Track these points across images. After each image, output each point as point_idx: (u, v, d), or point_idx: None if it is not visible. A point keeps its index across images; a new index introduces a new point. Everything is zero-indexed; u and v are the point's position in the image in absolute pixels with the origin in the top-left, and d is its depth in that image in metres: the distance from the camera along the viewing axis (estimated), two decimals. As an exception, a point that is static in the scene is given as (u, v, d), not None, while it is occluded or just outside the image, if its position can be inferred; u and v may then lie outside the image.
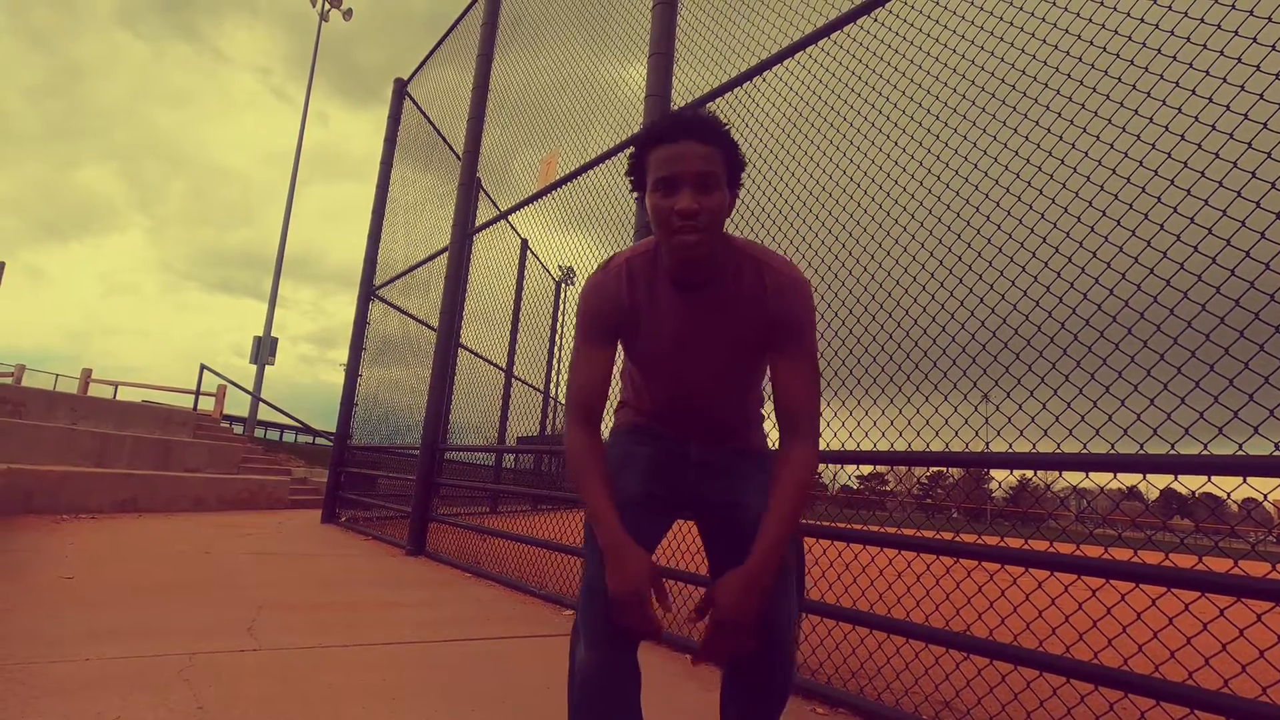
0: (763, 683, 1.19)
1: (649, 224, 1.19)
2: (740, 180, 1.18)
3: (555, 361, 9.07)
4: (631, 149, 1.19)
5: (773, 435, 1.31)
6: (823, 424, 2.28)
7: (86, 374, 14.20)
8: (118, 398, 13.75)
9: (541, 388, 8.54)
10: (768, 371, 1.24)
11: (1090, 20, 1.81)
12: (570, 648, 1.21)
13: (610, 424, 1.42)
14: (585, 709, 1.15)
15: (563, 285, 9.49)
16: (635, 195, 1.23)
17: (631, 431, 1.34)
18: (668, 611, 1.12)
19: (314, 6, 19.43)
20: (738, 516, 1.22)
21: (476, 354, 5.75)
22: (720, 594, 1.05)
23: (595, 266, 1.34)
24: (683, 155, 1.08)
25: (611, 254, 1.31)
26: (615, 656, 1.14)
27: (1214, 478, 1.50)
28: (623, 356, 1.36)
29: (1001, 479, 2.03)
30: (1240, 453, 1.46)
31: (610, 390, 1.28)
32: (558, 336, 9.22)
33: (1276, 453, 1.41)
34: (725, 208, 1.13)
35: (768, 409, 1.34)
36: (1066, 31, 1.86)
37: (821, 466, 2.04)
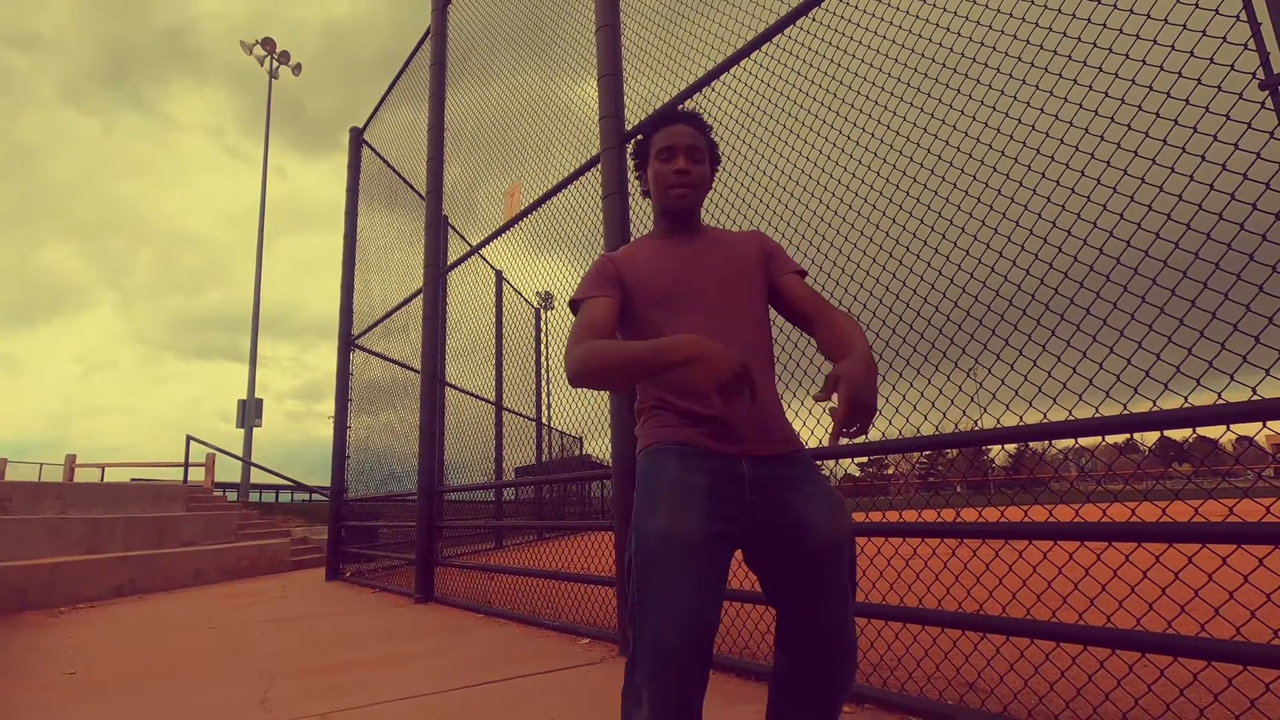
0: (833, 696, 1.14)
1: (617, 246, 1.26)
2: (716, 170, 1.46)
3: (545, 384, 9.05)
4: (635, 141, 1.46)
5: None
6: (816, 420, 2.29)
7: (71, 460, 13.93)
8: (105, 479, 13.51)
9: (533, 415, 8.50)
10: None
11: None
12: (626, 709, 1.08)
13: (638, 433, 1.32)
14: None
15: (542, 311, 9.48)
16: (637, 175, 1.46)
17: (679, 453, 1.19)
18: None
19: (262, 66, 19.45)
20: (804, 541, 1.13)
21: (464, 391, 5.72)
22: (848, 371, 1.02)
23: (570, 289, 1.41)
24: (678, 132, 1.38)
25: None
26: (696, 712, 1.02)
27: (1198, 429, 1.53)
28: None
29: (995, 454, 2.03)
30: (1220, 401, 1.48)
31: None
32: (543, 360, 9.20)
33: (1255, 398, 1.43)
34: (707, 181, 1.41)
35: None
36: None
37: (820, 463, 2.05)
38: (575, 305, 1.34)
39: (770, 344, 1.36)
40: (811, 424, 2.30)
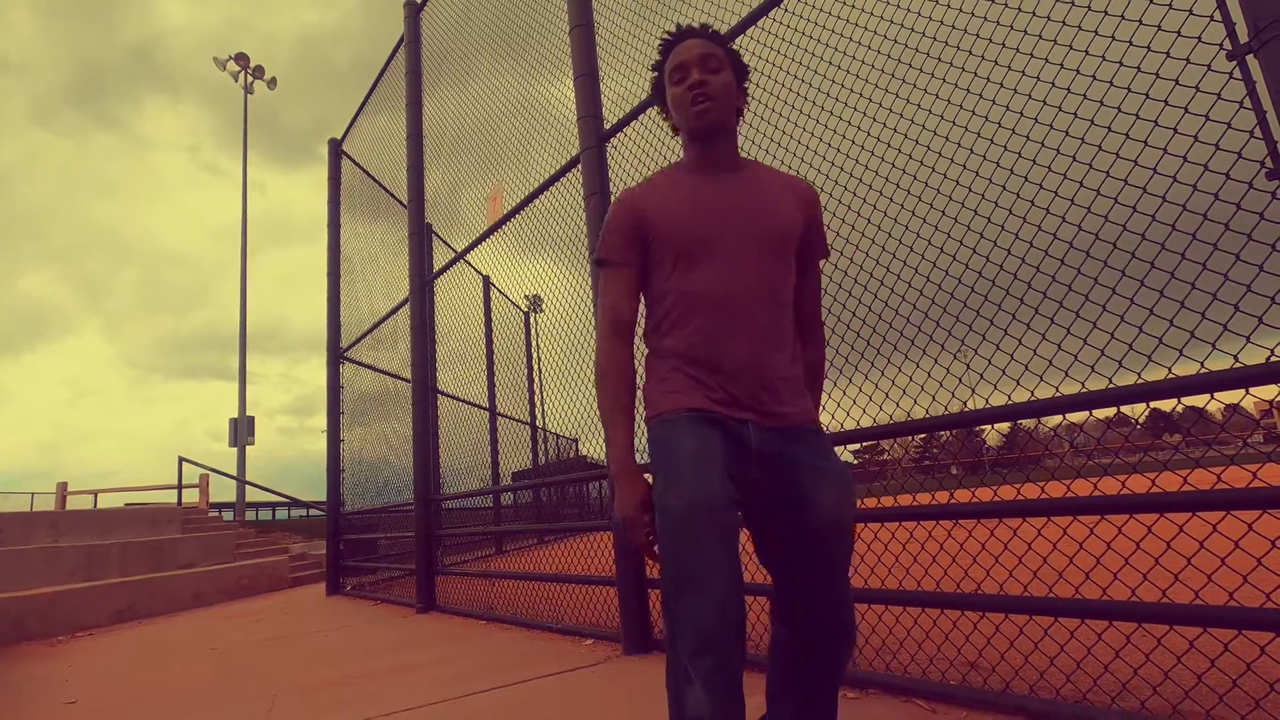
0: (835, 670, 1.16)
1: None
2: (745, 84, 1.32)
3: (537, 388, 9.02)
4: (652, 79, 1.36)
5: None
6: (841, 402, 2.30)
7: (62, 487, 13.79)
8: (99, 506, 13.39)
9: (527, 419, 8.48)
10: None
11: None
12: (675, 689, 1.08)
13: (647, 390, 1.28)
14: None
15: (531, 315, 9.45)
16: (663, 115, 1.35)
17: (693, 420, 1.15)
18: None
19: (237, 81, 19.29)
20: (809, 520, 1.12)
21: (456, 398, 5.70)
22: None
23: (558, 291, 1.38)
24: (686, 48, 1.27)
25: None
26: (737, 697, 1.02)
27: (1183, 399, 1.54)
28: (655, 305, 1.27)
29: (988, 434, 2.05)
30: (1204, 371, 1.50)
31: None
32: (534, 363, 9.18)
33: (1236, 364, 1.45)
34: (734, 90, 1.26)
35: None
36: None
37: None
38: (599, 264, 1.29)
39: (790, 315, 1.26)
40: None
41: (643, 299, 1.30)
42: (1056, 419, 1.78)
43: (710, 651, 1.00)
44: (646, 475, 1.19)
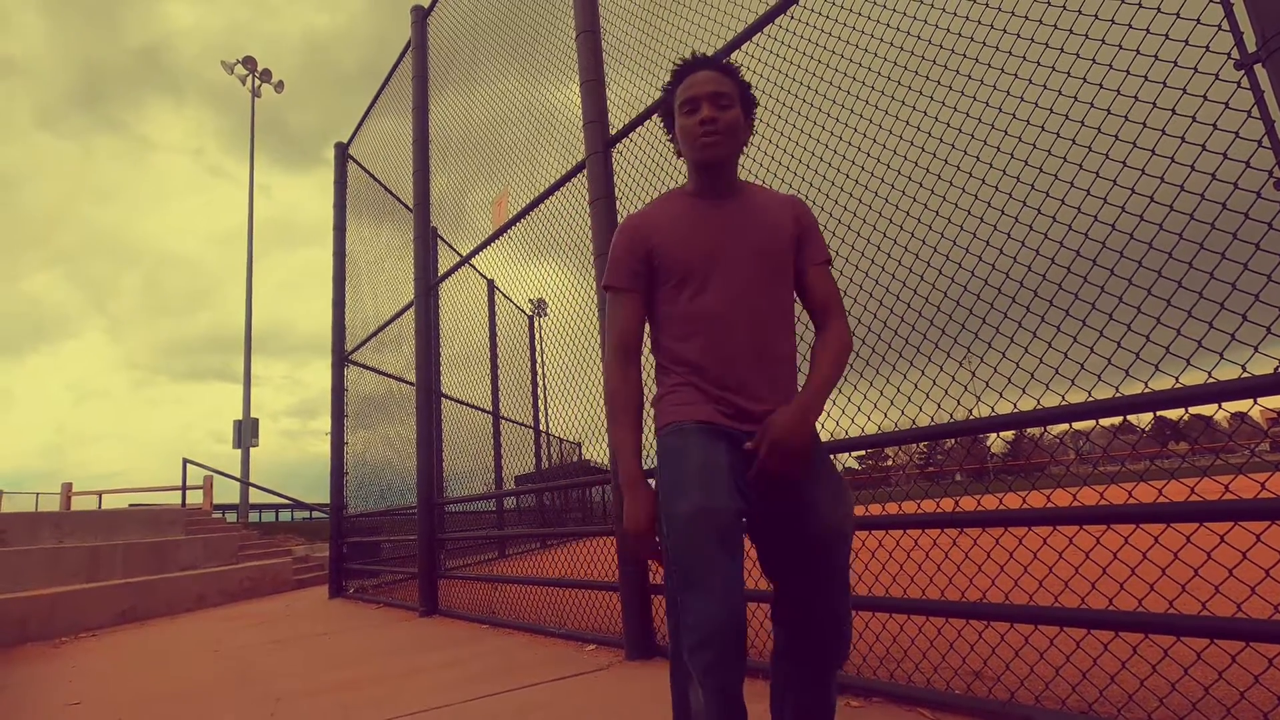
0: (826, 670, 1.21)
1: (606, 252, 1.26)
2: (754, 114, 1.38)
3: (540, 391, 9.03)
4: (662, 101, 1.39)
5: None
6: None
7: (67, 488, 13.84)
8: (103, 507, 13.43)
9: (531, 423, 8.49)
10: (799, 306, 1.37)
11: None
12: (679, 689, 1.18)
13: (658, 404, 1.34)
14: None
15: (535, 318, 9.46)
16: (669, 137, 1.40)
17: (702, 431, 1.21)
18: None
19: (244, 85, 19.40)
20: (807, 526, 1.17)
21: (460, 401, 5.70)
22: (776, 419, 1.15)
23: (563, 296, 1.39)
24: (698, 81, 1.29)
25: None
26: (735, 694, 1.08)
27: (1190, 408, 1.53)
28: (661, 329, 1.34)
29: (992, 441, 2.04)
30: (1211, 380, 1.49)
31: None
32: (539, 367, 9.18)
33: (1245, 375, 1.44)
34: (741, 125, 1.31)
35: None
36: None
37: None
38: (607, 289, 1.36)
39: (792, 328, 1.33)
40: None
41: (650, 319, 1.37)
42: (1062, 427, 1.77)
43: (709, 647, 1.04)
44: (652, 481, 1.25)
